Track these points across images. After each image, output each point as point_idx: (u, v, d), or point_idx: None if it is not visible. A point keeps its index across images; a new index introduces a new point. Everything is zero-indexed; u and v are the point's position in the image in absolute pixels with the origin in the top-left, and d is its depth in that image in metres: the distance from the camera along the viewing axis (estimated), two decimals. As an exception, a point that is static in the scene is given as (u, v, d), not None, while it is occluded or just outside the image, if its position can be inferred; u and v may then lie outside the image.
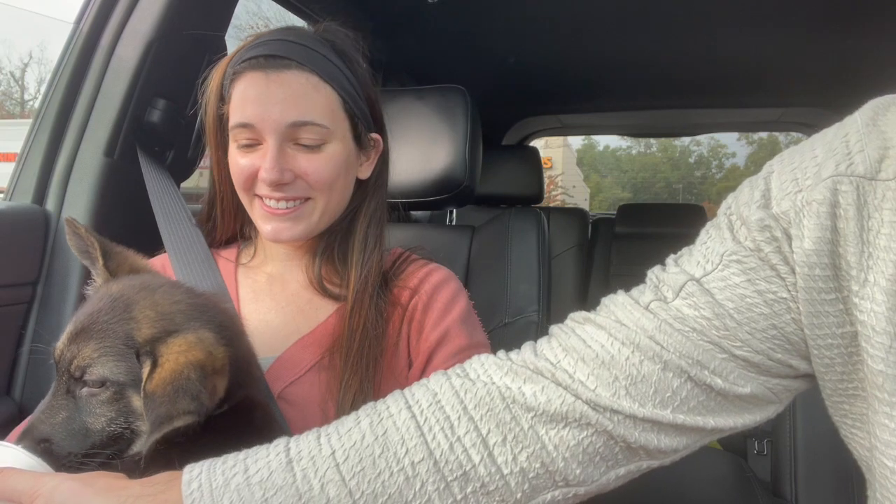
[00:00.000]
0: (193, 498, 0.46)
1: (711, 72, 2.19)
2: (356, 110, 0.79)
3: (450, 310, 0.82)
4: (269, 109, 0.73)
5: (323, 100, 0.75)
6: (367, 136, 0.82)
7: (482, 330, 0.87)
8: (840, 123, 0.49)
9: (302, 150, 0.75)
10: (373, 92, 0.84)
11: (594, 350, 0.50)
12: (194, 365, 0.53)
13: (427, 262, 0.88)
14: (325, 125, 0.75)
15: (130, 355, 0.55)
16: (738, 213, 0.50)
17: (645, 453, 0.50)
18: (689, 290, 0.49)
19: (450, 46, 1.98)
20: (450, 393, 0.51)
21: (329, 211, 0.80)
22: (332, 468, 0.47)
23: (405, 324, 0.82)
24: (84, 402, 0.56)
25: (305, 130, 0.74)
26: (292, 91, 0.73)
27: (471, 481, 0.48)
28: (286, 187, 0.75)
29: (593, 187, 30.79)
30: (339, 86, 0.76)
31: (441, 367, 0.75)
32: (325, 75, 0.75)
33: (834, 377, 0.48)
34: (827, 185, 0.45)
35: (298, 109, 0.73)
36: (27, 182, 1.04)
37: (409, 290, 0.83)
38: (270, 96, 0.73)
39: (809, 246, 0.45)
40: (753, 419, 0.51)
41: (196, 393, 0.52)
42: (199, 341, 0.56)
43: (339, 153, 0.77)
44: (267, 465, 0.47)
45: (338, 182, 0.78)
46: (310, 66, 0.74)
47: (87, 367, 0.55)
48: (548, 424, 0.49)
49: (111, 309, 0.58)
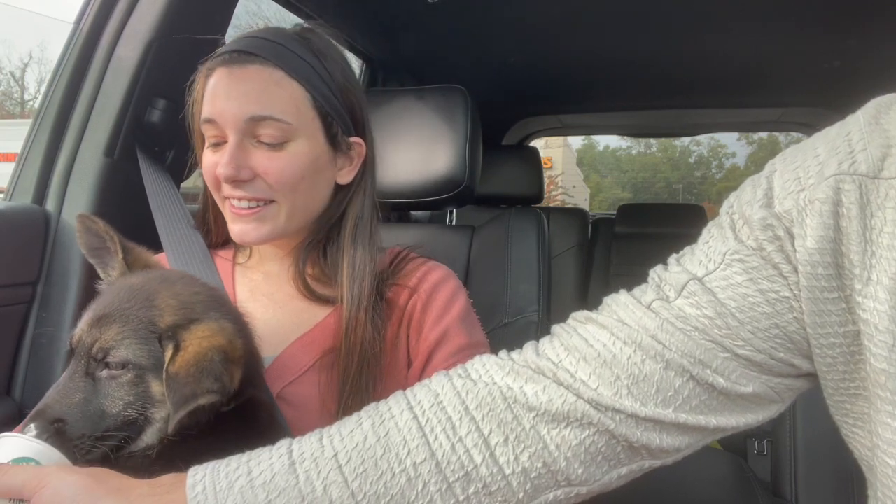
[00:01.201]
0: (198, 501, 0.46)
1: (711, 72, 2.19)
2: (329, 109, 0.76)
3: (449, 309, 0.81)
4: (229, 104, 0.72)
5: (286, 95, 0.73)
6: (346, 138, 0.80)
7: (481, 328, 0.86)
8: (842, 122, 0.49)
9: (263, 148, 0.73)
10: (356, 95, 0.81)
11: (596, 349, 0.50)
12: (217, 349, 0.56)
13: (426, 261, 0.87)
14: (286, 121, 0.72)
15: (153, 340, 0.57)
16: (740, 212, 0.50)
17: (647, 453, 0.50)
18: (692, 290, 0.49)
19: (450, 46, 1.98)
20: (451, 393, 0.51)
21: (297, 214, 0.77)
22: (335, 470, 0.47)
23: (404, 324, 0.81)
24: (103, 385, 0.56)
25: (266, 126, 0.72)
26: (253, 85, 0.72)
27: (473, 482, 0.48)
28: (246, 185, 0.74)
29: (593, 187, 30.80)
30: (309, 83, 0.74)
31: (441, 367, 0.75)
32: (292, 71, 0.73)
33: (836, 376, 0.48)
34: (829, 184, 0.45)
35: (259, 104, 0.71)
36: (27, 182, 1.04)
37: (407, 289, 0.82)
38: (231, 91, 0.72)
39: (812, 245, 0.45)
40: (756, 418, 0.51)
41: (219, 374, 0.54)
42: (221, 329, 0.58)
43: (304, 153, 0.74)
44: (270, 468, 0.48)
45: (302, 183, 0.75)
46: (274, 62, 0.73)
47: (111, 350, 0.56)
48: (549, 424, 0.49)
49: (133, 297, 0.59)
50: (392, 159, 1.17)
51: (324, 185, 0.80)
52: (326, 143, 0.78)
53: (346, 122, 0.80)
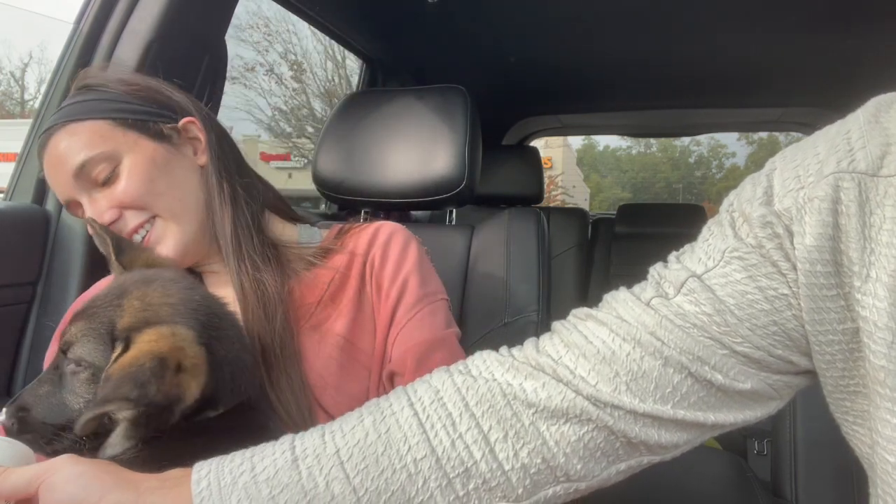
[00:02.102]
0: (202, 497, 0.46)
1: (711, 72, 2.19)
2: (132, 117, 0.78)
3: (403, 261, 0.83)
4: (57, 177, 0.77)
5: (86, 136, 0.76)
6: (172, 126, 0.81)
7: (437, 277, 0.87)
8: (842, 120, 0.49)
9: (108, 186, 0.76)
10: (157, 85, 0.83)
11: (595, 346, 0.50)
12: (154, 355, 0.52)
13: (373, 222, 0.88)
14: (100, 151, 0.75)
15: (109, 340, 0.56)
16: (740, 210, 0.50)
17: (645, 448, 0.50)
18: (691, 287, 0.50)
19: (450, 46, 1.98)
20: (452, 390, 0.51)
21: (183, 213, 0.79)
22: (337, 466, 0.48)
23: (367, 286, 0.82)
24: (67, 380, 0.57)
25: (91, 167, 0.75)
26: (60, 151, 0.76)
27: (473, 478, 0.48)
28: (122, 223, 0.76)
29: (593, 187, 30.81)
30: (97, 113, 0.77)
31: (403, 321, 0.79)
32: (76, 115, 0.77)
33: (835, 373, 0.48)
34: (829, 182, 0.45)
35: (72, 158, 0.75)
36: (27, 182, 1.04)
37: (359, 255, 0.83)
38: (52, 169, 0.78)
39: (811, 242, 0.45)
40: (754, 415, 0.51)
41: (143, 382, 0.50)
42: (171, 335, 0.55)
43: (138, 163, 0.77)
44: (273, 463, 0.48)
45: (157, 185, 0.77)
46: (60, 124, 0.77)
47: (71, 345, 0.57)
48: (549, 420, 0.49)
49: (106, 295, 0.59)
50: (392, 159, 1.17)
51: (183, 175, 0.80)
52: (154, 142, 0.79)
53: (160, 114, 0.81)
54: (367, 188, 1.18)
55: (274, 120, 12.97)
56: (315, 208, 2.02)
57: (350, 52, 2.01)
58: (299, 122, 13.03)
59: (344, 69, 11.37)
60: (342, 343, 0.78)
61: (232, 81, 11.18)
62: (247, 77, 11.87)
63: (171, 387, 0.52)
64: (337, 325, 0.79)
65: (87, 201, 0.77)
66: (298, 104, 12.83)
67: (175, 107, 0.83)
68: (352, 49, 1.96)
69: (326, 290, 0.81)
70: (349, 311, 0.80)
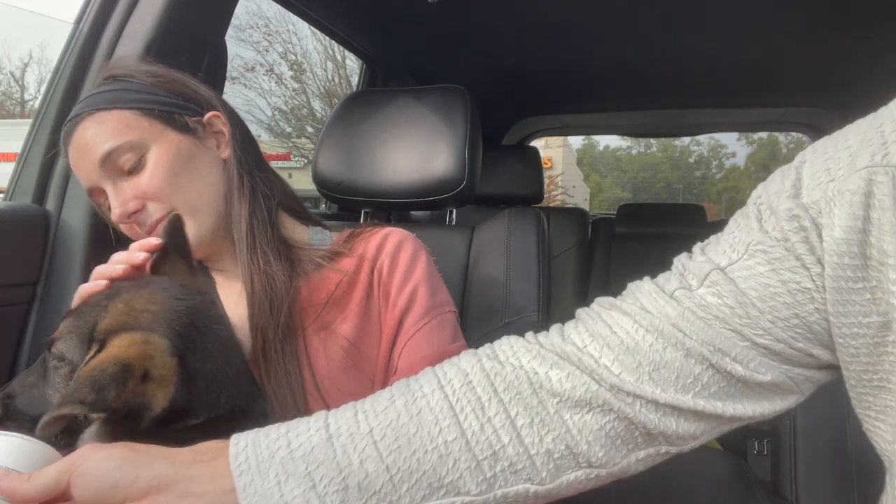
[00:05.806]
0: (241, 470, 0.47)
1: (712, 72, 2.19)
2: (159, 108, 0.79)
3: (413, 270, 0.83)
4: (81, 163, 0.78)
5: (113, 124, 0.77)
6: (197, 119, 0.82)
7: (444, 287, 0.88)
8: (874, 114, 0.49)
9: (133, 176, 0.77)
10: (184, 82, 0.84)
11: (619, 336, 0.51)
12: (119, 361, 0.51)
13: (382, 227, 0.89)
14: (127, 140, 0.76)
15: (89, 341, 0.57)
16: (767, 203, 0.50)
17: (664, 438, 0.51)
18: (714, 279, 0.50)
19: (450, 46, 1.98)
20: (481, 375, 0.53)
21: (201, 207, 0.79)
22: (371, 445, 0.49)
23: (374, 292, 0.82)
24: (50, 374, 0.58)
25: (117, 155, 0.76)
26: (87, 138, 0.77)
27: (500, 460, 0.50)
28: (142, 214, 0.77)
29: (593, 187, 30.82)
30: (124, 103, 0.78)
31: (412, 331, 0.79)
32: (104, 104, 0.78)
33: (858, 367, 0.48)
34: (861, 176, 0.45)
35: (98, 146, 0.76)
36: (27, 182, 1.04)
37: (367, 259, 0.84)
38: (77, 155, 0.78)
39: (840, 234, 0.45)
40: (773, 408, 0.52)
41: (101, 386, 0.49)
42: (143, 342, 0.54)
43: (163, 154, 0.77)
44: (308, 440, 0.49)
45: (179, 178, 0.78)
46: (87, 112, 0.77)
47: (56, 341, 0.58)
48: (572, 409, 0.50)
49: (100, 297, 0.60)
50: (392, 159, 1.17)
51: (205, 168, 0.81)
52: (179, 134, 0.80)
53: (186, 107, 0.82)
54: (368, 188, 1.18)
55: (274, 120, 13.00)
56: (315, 208, 2.02)
57: (350, 52, 2.01)
58: (299, 122, 13.04)
59: (344, 69, 11.40)
60: (347, 346, 0.78)
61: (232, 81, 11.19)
62: (247, 77, 11.90)
63: (134, 395, 0.51)
64: (343, 327, 0.79)
65: (111, 189, 0.77)
66: (298, 104, 12.84)
67: (200, 100, 0.84)
68: (352, 49, 1.96)
69: (334, 291, 0.81)
70: (356, 316, 0.80)
